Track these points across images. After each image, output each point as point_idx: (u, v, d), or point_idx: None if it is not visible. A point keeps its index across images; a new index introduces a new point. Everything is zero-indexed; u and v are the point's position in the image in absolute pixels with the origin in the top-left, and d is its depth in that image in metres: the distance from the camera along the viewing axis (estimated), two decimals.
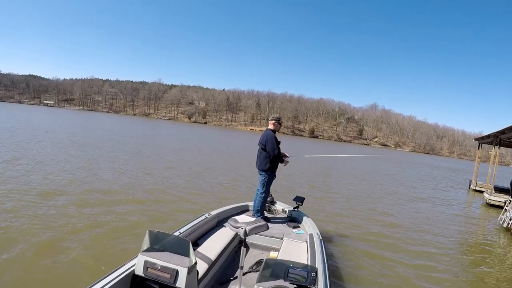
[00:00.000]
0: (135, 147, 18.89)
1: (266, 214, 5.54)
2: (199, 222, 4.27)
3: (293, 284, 2.49)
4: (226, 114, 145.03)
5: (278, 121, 5.40)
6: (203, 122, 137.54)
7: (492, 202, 13.99)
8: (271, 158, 5.15)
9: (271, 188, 5.55)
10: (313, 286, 2.49)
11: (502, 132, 14.31)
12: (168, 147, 21.90)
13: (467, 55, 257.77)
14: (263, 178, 5.26)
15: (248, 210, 5.61)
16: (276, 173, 5.48)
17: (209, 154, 21.04)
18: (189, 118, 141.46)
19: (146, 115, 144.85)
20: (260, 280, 2.55)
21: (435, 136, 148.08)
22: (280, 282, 2.52)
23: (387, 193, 14.15)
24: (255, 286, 2.50)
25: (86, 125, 36.24)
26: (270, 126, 5.37)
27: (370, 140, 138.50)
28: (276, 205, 5.89)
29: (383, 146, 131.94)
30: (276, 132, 5.39)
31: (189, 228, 3.98)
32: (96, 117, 71.65)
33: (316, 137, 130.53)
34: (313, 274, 2.51)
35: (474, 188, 19.59)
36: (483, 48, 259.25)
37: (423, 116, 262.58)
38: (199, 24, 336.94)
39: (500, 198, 13.75)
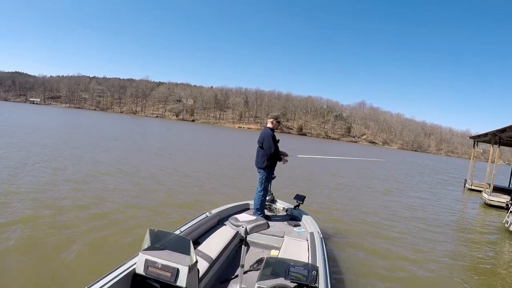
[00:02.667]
0: None
1: (266, 212, 5.57)
2: (199, 220, 4.28)
3: (294, 282, 2.50)
4: (214, 112, 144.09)
5: (277, 120, 5.45)
6: (191, 120, 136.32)
7: (492, 203, 13.42)
8: (268, 156, 5.18)
9: (272, 187, 5.57)
10: (314, 284, 2.51)
11: (503, 130, 13.60)
12: None
13: (455, 54, 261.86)
14: (261, 176, 5.30)
15: (248, 209, 5.63)
16: (277, 173, 5.47)
17: None
18: (177, 116, 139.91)
19: (133, 113, 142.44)
20: (261, 278, 2.56)
21: (423, 134, 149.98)
22: (281, 280, 2.54)
23: (384, 192, 14.13)
24: (256, 284, 2.51)
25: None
26: (269, 125, 5.40)
27: (358, 138, 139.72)
28: (276, 204, 5.91)
29: (371, 144, 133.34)
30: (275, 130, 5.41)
31: (189, 227, 3.98)
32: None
33: (304, 134, 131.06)
34: (314, 273, 2.53)
35: (470, 187, 18.92)
36: (472, 47, 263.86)
37: (411, 114, 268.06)
38: (187, 22, 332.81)
39: (500, 199, 13.33)
